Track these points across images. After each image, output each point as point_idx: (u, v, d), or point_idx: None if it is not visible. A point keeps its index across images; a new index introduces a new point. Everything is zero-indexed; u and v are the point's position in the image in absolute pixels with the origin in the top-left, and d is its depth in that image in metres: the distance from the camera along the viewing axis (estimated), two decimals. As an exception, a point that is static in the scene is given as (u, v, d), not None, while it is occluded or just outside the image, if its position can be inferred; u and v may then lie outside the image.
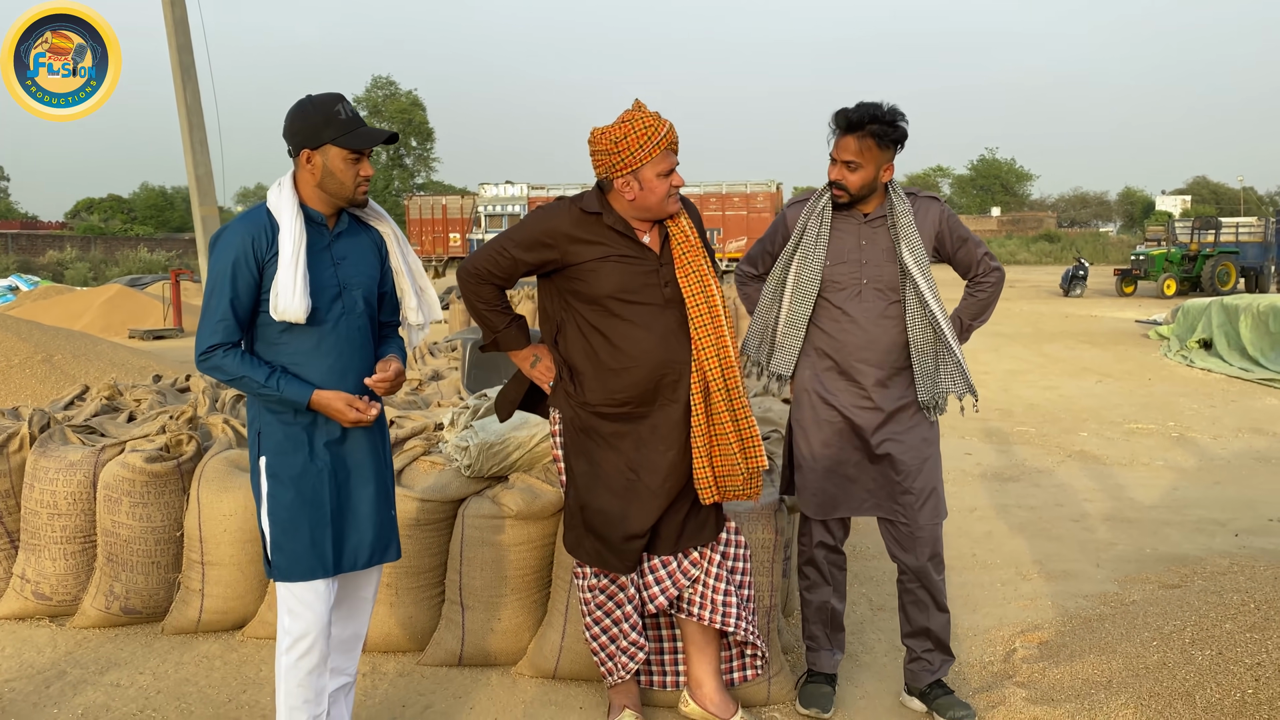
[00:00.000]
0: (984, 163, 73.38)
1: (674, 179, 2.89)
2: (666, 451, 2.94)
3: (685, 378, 2.93)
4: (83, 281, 32.20)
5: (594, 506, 2.98)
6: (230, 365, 2.57)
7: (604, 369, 2.93)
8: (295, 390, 2.58)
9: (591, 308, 2.93)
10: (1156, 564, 4.84)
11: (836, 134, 3.14)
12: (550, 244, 2.92)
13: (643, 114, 2.86)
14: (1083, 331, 17.25)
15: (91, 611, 3.99)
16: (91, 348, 9.89)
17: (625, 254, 2.91)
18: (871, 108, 3.09)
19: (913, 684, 3.38)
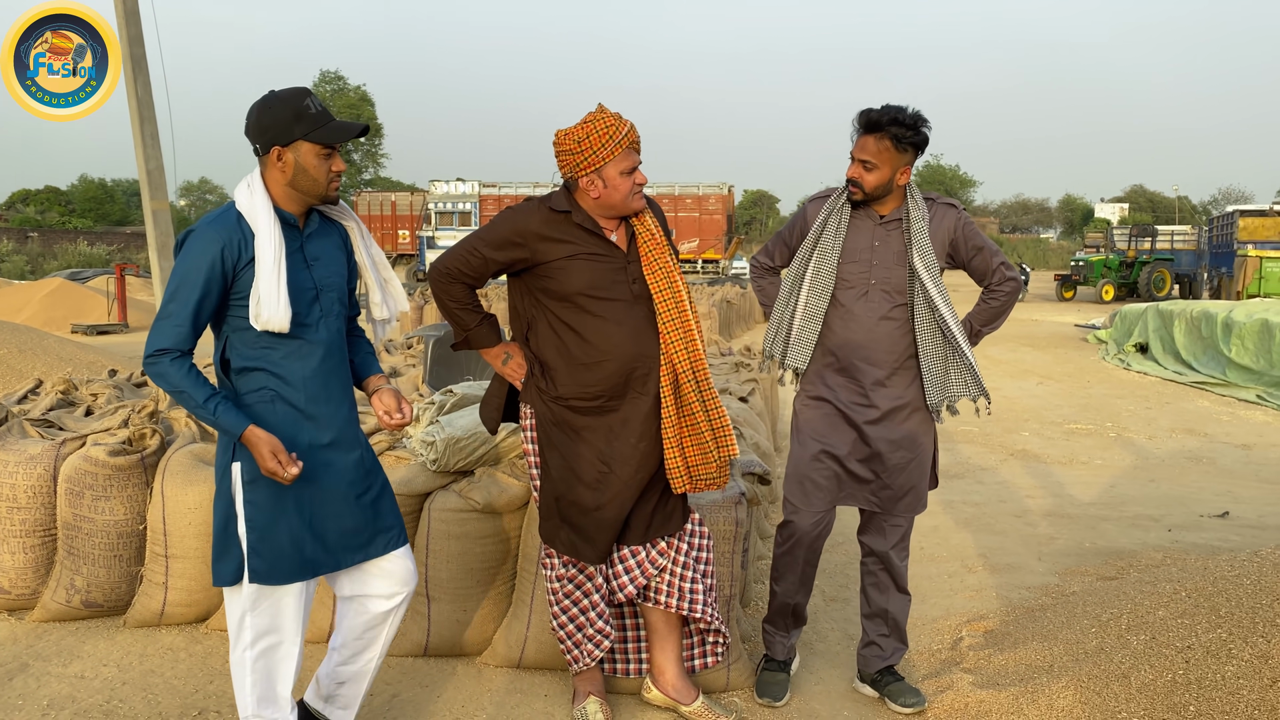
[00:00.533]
0: (929, 168, 74.56)
1: (637, 176, 2.99)
2: (638, 443, 3.04)
3: (654, 371, 3.03)
4: (20, 275, 31.46)
5: (568, 498, 3.06)
6: (174, 375, 2.47)
7: (575, 364, 3.01)
8: (231, 420, 2.49)
9: (562, 304, 3.01)
10: (1095, 557, 5.05)
11: (857, 133, 3.18)
12: (520, 243, 2.99)
13: (604, 114, 2.95)
14: (1024, 335, 17.70)
15: (52, 605, 3.99)
16: (38, 342, 9.73)
17: (594, 251, 3.00)
18: (895, 110, 3.12)
19: (865, 670, 3.52)
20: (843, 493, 3.38)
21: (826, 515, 3.39)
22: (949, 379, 3.28)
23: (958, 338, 3.22)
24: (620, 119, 2.96)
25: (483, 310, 3.17)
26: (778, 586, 3.50)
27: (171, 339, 2.47)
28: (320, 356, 2.64)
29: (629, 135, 2.95)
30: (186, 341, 2.49)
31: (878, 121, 3.12)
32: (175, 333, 2.47)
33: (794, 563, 3.43)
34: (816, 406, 3.35)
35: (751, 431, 5.13)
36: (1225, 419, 9.34)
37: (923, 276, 3.19)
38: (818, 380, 3.34)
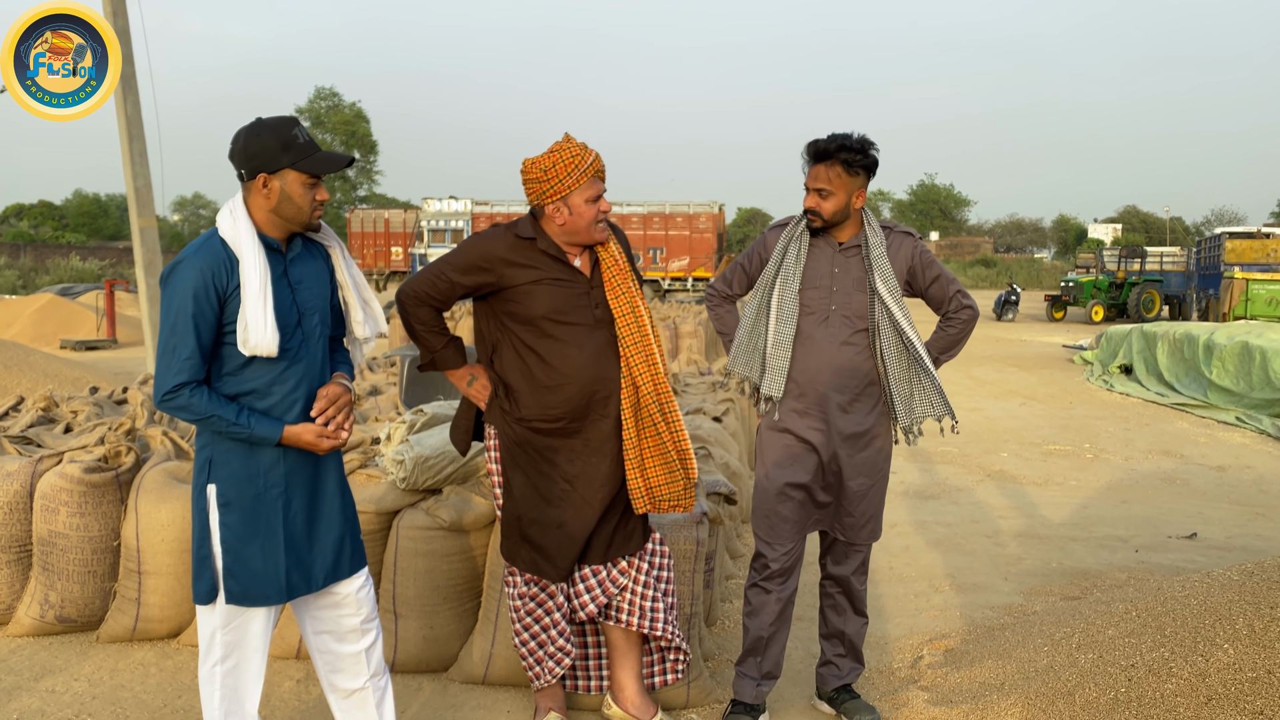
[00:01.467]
0: (923, 188, 74.97)
1: (601, 204, 3.08)
2: (600, 463, 3.11)
3: (615, 393, 3.11)
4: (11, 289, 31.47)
5: (530, 516, 3.13)
6: (199, 404, 2.51)
7: (539, 386, 3.09)
8: (266, 428, 2.57)
9: (526, 328, 3.09)
10: (1061, 577, 5.12)
11: (808, 163, 3.25)
12: (486, 268, 3.08)
13: (570, 144, 3.04)
14: (1011, 355, 17.79)
15: (26, 620, 4.04)
16: (24, 358, 9.79)
17: (558, 277, 3.09)
18: (841, 137, 3.20)
19: (822, 688, 3.58)
20: (809, 520, 3.41)
21: (797, 546, 3.41)
22: (914, 400, 3.32)
23: (924, 359, 3.27)
24: (585, 149, 3.04)
25: (449, 333, 3.25)
26: (750, 621, 3.46)
27: (186, 373, 2.50)
28: (302, 378, 2.68)
29: (594, 165, 3.04)
30: (199, 371, 2.52)
31: (826, 150, 3.20)
32: (186, 366, 2.50)
33: (766, 597, 3.42)
34: (780, 436, 3.36)
35: (722, 451, 5.20)
36: (1203, 441, 9.43)
37: (887, 300, 3.25)
38: (780, 408, 3.36)
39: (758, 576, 3.43)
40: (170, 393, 2.50)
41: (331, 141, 58.09)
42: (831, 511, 3.40)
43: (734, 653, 4.02)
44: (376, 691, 2.90)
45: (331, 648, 2.84)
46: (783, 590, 3.42)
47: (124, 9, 10.19)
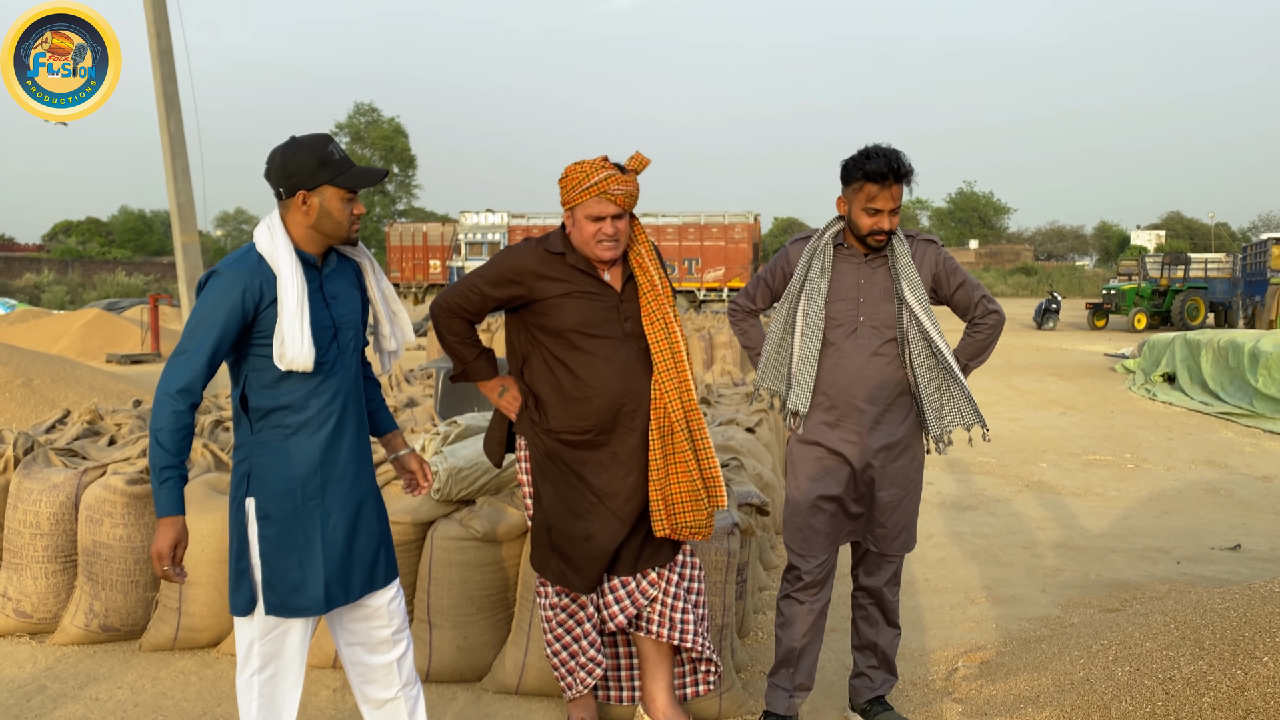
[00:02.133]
0: (962, 195, 74.44)
1: (604, 227, 3.04)
2: (626, 476, 3.13)
3: (643, 407, 3.12)
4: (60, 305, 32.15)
5: (559, 528, 3.16)
6: (168, 421, 2.49)
7: (567, 398, 3.12)
8: (165, 498, 2.50)
9: (556, 340, 3.13)
10: (1099, 589, 5.06)
11: (875, 186, 3.16)
12: (517, 281, 3.12)
13: (585, 162, 3.06)
14: (1052, 364, 17.59)
15: (71, 629, 4.13)
16: (70, 372, 10.00)
17: (587, 290, 3.12)
18: (895, 155, 3.16)
19: (855, 700, 3.57)
20: (842, 532, 3.40)
21: (829, 558, 3.40)
22: (944, 409, 3.30)
23: (953, 367, 3.25)
24: (600, 168, 3.02)
25: (481, 345, 3.29)
26: (782, 633, 3.46)
27: (187, 377, 2.51)
28: (338, 392, 2.71)
29: (601, 184, 3.01)
30: (201, 379, 2.53)
31: (903, 170, 3.16)
32: (190, 370, 2.52)
33: (799, 609, 3.40)
34: (810, 449, 3.34)
35: (754, 462, 5.20)
36: (1248, 450, 9.26)
37: (915, 309, 3.23)
38: (810, 421, 3.34)
39: (790, 588, 3.42)
40: (170, 394, 2.50)
41: (371, 156, 58.77)
42: (864, 523, 3.39)
43: (766, 664, 4.02)
44: (409, 701, 2.93)
45: (363, 659, 2.88)
46: (816, 601, 3.41)
47: (167, 29, 10.42)
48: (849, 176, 3.22)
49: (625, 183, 3.02)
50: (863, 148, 3.22)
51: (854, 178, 3.20)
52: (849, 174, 3.22)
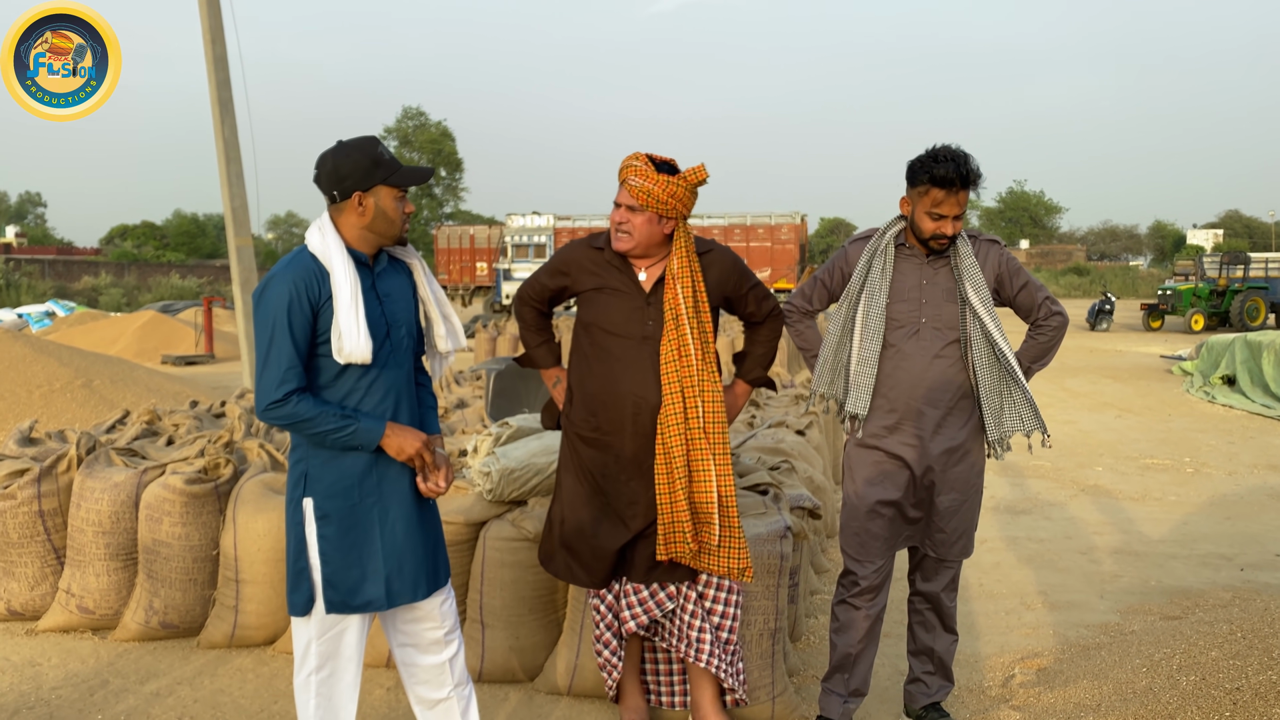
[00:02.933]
0: (1012, 195, 73.31)
1: (614, 214, 3.10)
2: (629, 481, 3.12)
3: (645, 413, 3.08)
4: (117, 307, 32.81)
5: (571, 519, 3.19)
6: (305, 410, 2.57)
7: (585, 393, 3.17)
8: (370, 423, 2.62)
9: (586, 335, 3.19)
10: (1160, 596, 4.95)
11: (941, 191, 3.10)
12: (565, 273, 3.24)
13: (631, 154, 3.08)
14: (1106, 366, 17.27)
15: (132, 625, 4.21)
16: (128, 373, 10.20)
17: (616, 287, 3.14)
18: (961, 157, 3.09)
19: (910, 706, 3.52)
20: (900, 537, 3.35)
21: (886, 563, 3.35)
22: (1003, 414, 3.24)
23: (1016, 370, 3.19)
24: (631, 160, 3.06)
25: (548, 334, 3.39)
26: (837, 638, 3.42)
27: (291, 381, 2.56)
28: (390, 390, 2.74)
29: (622, 174, 3.07)
30: (293, 372, 2.57)
31: (971, 175, 3.10)
32: (289, 375, 2.56)
33: (855, 614, 3.37)
34: (869, 453, 3.29)
35: (805, 465, 5.16)
36: (1313, 454, 9.02)
37: (979, 310, 3.18)
38: (870, 424, 3.28)
39: (846, 593, 3.39)
40: (277, 402, 2.55)
41: (418, 160, 59.28)
42: (922, 527, 3.35)
43: (819, 668, 3.98)
44: (461, 701, 2.94)
45: (415, 659, 2.89)
46: (872, 607, 3.37)
47: (221, 36, 10.60)
48: (915, 178, 3.15)
49: (644, 176, 3.00)
50: (930, 149, 3.14)
51: (920, 180, 3.14)
52: (915, 176, 3.15)
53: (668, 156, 3.08)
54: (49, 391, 8.83)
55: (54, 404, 8.70)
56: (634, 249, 3.09)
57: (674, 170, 3.05)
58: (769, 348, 3.39)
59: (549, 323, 3.39)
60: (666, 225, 3.07)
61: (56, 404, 8.72)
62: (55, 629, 4.30)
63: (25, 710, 3.61)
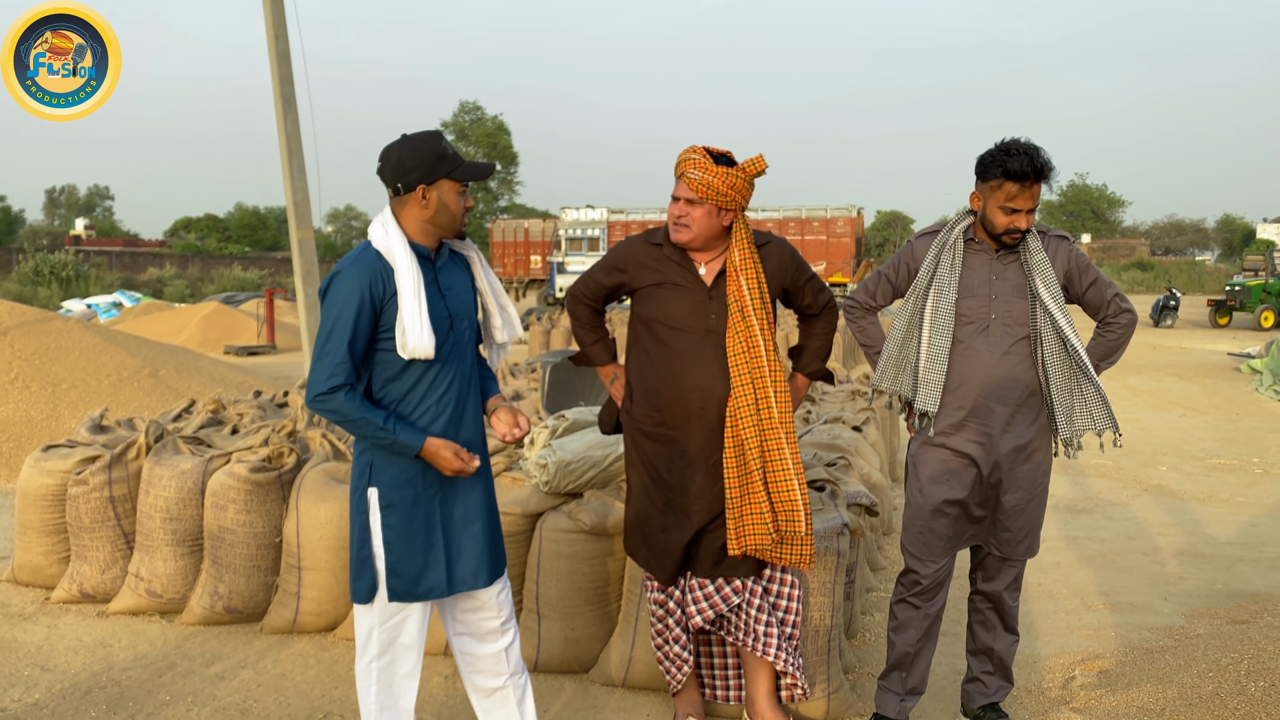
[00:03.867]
0: (1074, 188, 71.85)
1: (672, 207, 3.09)
2: (694, 475, 3.11)
3: (711, 407, 3.07)
4: (181, 298, 33.54)
5: (643, 516, 3.20)
6: (349, 408, 2.61)
7: (647, 389, 3.16)
8: (410, 436, 2.65)
9: (646, 330, 3.18)
10: (1226, 599, 4.83)
11: (1015, 185, 3.06)
12: (622, 269, 3.23)
13: (689, 147, 3.08)
14: (1170, 364, 16.89)
15: (197, 609, 4.31)
16: (193, 363, 10.42)
17: (677, 282, 3.13)
18: (1034, 151, 3.05)
19: (968, 705, 3.48)
20: (964, 536, 3.32)
21: (948, 563, 3.32)
22: (1074, 411, 3.18)
23: (1088, 367, 3.14)
24: (689, 154, 3.06)
25: (602, 331, 3.39)
26: (896, 637, 3.39)
27: (340, 375, 2.61)
28: (455, 382, 2.78)
29: (680, 167, 3.07)
30: (351, 375, 2.64)
31: (1044, 169, 3.04)
32: (340, 369, 2.60)
33: (914, 613, 3.34)
34: (935, 451, 3.25)
35: (862, 462, 5.12)
36: (1388, 456, 8.74)
37: (1050, 307, 3.13)
38: (937, 422, 3.24)
39: (906, 592, 3.36)
40: (324, 394, 2.61)
41: (475, 153, 59.79)
42: (987, 526, 3.30)
43: (874, 666, 3.96)
44: (517, 690, 2.97)
45: (472, 648, 2.93)
46: (931, 606, 3.34)
47: (284, 31, 10.76)
48: (987, 173, 3.10)
49: (702, 169, 3.00)
50: (1001, 143, 3.10)
51: (992, 174, 3.09)
52: (987, 170, 3.10)
53: (724, 149, 3.08)
54: (117, 380, 9.06)
55: (122, 392, 8.92)
56: (693, 242, 3.08)
57: (731, 162, 3.05)
58: (825, 340, 3.37)
59: (603, 320, 3.41)
60: (726, 217, 3.07)
61: (125, 392, 8.94)
62: (125, 611, 4.42)
63: (97, 690, 3.72)
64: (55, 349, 9.09)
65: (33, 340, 9.03)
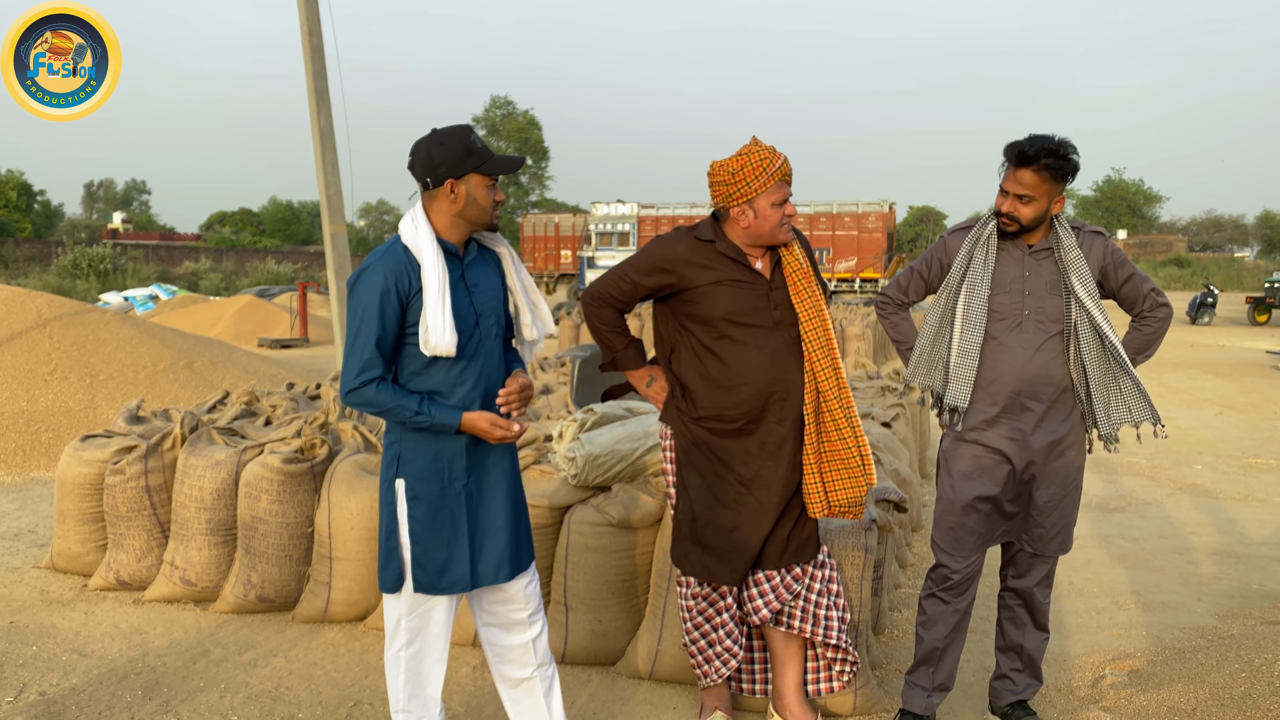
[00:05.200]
0: (1110, 184, 70.96)
1: (786, 208, 3.08)
2: (776, 466, 3.11)
3: (792, 395, 3.10)
4: (215, 291, 33.95)
5: (705, 518, 3.16)
6: (383, 398, 2.65)
7: (716, 386, 3.12)
8: (446, 415, 2.69)
9: (705, 329, 3.13)
10: (1262, 600, 4.78)
11: (1009, 167, 3.12)
12: (668, 269, 3.15)
13: (759, 148, 3.06)
14: (1207, 361, 16.66)
15: (230, 598, 4.38)
16: (227, 355, 10.56)
17: (737, 279, 3.12)
18: (1044, 140, 3.06)
19: (995, 702, 3.47)
20: (995, 533, 3.30)
21: (978, 559, 3.31)
22: (1112, 406, 3.17)
23: (1126, 361, 3.13)
24: (774, 153, 3.06)
25: (630, 334, 3.33)
26: (924, 632, 3.39)
27: (359, 365, 2.65)
28: (479, 377, 2.80)
29: (782, 168, 3.05)
30: (382, 368, 2.67)
31: (1033, 155, 3.04)
32: (370, 362, 2.65)
33: (943, 609, 3.34)
34: (968, 447, 3.24)
35: (891, 458, 5.10)
36: None
37: (1086, 303, 3.11)
38: (970, 418, 3.24)
39: (935, 587, 3.35)
40: (356, 388, 2.66)
41: (506, 148, 59.87)
42: (1019, 522, 3.29)
43: (901, 662, 3.95)
44: (544, 681, 3.00)
45: (499, 639, 2.96)
46: (960, 601, 3.33)
47: (319, 28, 10.86)
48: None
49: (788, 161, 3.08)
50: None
51: (1002, 156, 3.16)
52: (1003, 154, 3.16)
53: (751, 139, 3.11)
54: (154, 372, 9.19)
55: (158, 384, 9.05)
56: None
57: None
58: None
59: (626, 323, 3.35)
60: None
61: (160, 384, 9.07)
62: (160, 599, 4.49)
63: (133, 675, 3.79)
64: (93, 341, 9.23)
65: (71, 332, 9.18)
